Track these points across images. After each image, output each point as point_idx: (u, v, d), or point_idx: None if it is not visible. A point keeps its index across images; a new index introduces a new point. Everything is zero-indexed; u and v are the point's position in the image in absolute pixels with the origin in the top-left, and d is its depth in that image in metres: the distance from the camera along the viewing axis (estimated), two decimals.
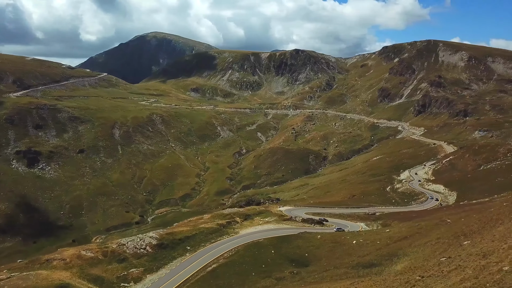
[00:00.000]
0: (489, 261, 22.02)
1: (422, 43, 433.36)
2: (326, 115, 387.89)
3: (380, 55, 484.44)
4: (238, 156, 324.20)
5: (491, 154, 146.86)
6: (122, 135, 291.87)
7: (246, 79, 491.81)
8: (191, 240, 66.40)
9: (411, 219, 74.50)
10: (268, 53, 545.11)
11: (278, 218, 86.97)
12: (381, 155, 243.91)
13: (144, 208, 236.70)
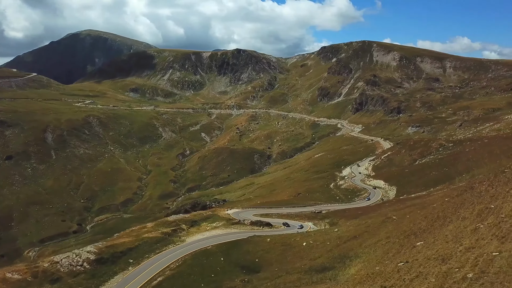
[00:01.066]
0: (450, 266, 21.43)
1: (357, 44, 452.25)
2: (269, 115, 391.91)
3: (318, 55, 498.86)
4: (181, 157, 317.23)
5: (425, 149, 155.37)
6: (56, 139, 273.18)
7: (187, 78, 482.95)
8: (134, 252, 62.04)
9: (358, 217, 75.87)
10: (209, 53, 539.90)
11: (226, 222, 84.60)
12: (322, 152, 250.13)
13: (82, 216, 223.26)
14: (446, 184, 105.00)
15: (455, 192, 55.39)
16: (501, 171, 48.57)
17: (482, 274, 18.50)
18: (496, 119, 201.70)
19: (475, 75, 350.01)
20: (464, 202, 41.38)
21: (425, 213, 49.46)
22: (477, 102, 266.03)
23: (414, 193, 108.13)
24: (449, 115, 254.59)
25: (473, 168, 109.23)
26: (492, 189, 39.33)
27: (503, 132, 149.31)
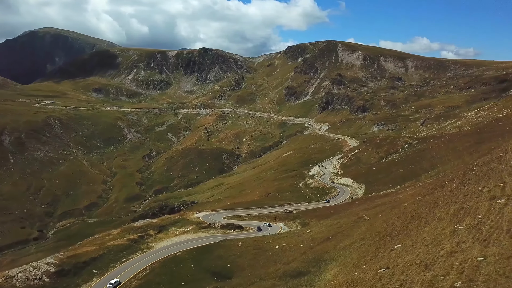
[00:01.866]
0: (434, 273, 20.54)
1: (323, 43, 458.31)
2: (237, 114, 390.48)
3: (285, 55, 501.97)
4: (148, 159, 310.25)
5: (391, 147, 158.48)
6: (13, 141, 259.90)
7: (153, 78, 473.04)
8: (98, 262, 58.63)
9: (329, 216, 75.54)
10: (175, 52, 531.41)
11: (195, 227, 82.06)
12: (291, 151, 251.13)
13: (43, 222, 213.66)
14: (412, 181, 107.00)
15: (425, 190, 55.59)
16: (470, 169, 49.15)
17: (471, 282, 17.63)
18: (456, 116, 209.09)
19: (435, 74, 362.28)
20: (437, 201, 41.09)
21: (398, 212, 49.23)
22: (438, 100, 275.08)
23: (382, 191, 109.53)
24: (412, 113, 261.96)
25: (438, 165, 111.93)
26: (464, 188, 39.26)
27: (464, 129, 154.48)
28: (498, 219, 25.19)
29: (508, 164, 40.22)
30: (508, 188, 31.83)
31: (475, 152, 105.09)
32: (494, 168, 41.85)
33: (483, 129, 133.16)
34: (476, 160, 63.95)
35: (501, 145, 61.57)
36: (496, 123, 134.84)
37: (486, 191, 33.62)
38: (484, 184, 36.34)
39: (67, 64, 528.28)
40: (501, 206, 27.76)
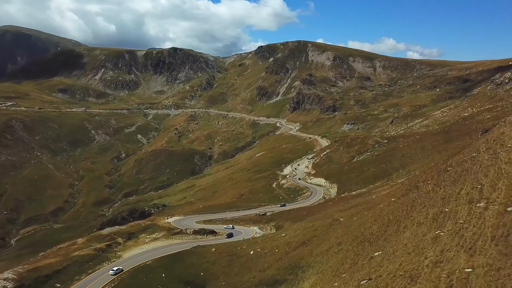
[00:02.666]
0: (421, 287, 19.32)
1: (293, 44, 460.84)
2: (209, 114, 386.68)
3: (256, 55, 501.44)
4: (117, 161, 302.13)
5: (362, 146, 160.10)
6: None
7: (121, 78, 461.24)
8: (61, 275, 55.10)
9: (303, 219, 74.63)
10: (144, 51, 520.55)
11: (166, 233, 79.16)
12: (263, 151, 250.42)
13: (5, 229, 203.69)
14: (384, 180, 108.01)
15: (400, 191, 55.26)
16: (444, 169, 49.16)
17: None
18: (424, 115, 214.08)
19: (402, 74, 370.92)
20: (413, 203, 40.45)
21: (374, 214, 48.52)
22: (406, 100, 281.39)
23: (355, 190, 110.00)
24: (381, 112, 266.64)
25: (409, 164, 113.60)
26: (441, 190, 38.81)
27: (432, 128, 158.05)
28: (480, 225, 24.50)
29: (482, 165, 40.16)
30: (486, 190, 31.45)
31: (444, 151, 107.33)
32: (468, 169, 41.79)
33: (450, 128, 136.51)
34: (447, 159, 64.58)
35: (472, 145, 62.37)
36: (463, 122, 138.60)
37: (464, 193, 33.18)
38: (461, 186, 35.99)
39: (30, 64, 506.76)
40: (482, 211, 27.20)
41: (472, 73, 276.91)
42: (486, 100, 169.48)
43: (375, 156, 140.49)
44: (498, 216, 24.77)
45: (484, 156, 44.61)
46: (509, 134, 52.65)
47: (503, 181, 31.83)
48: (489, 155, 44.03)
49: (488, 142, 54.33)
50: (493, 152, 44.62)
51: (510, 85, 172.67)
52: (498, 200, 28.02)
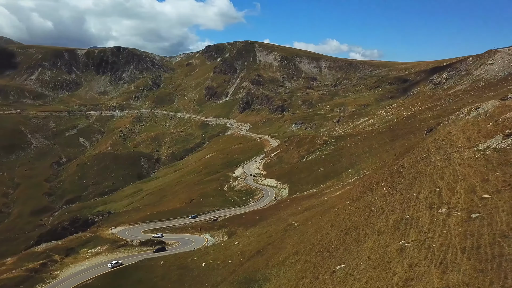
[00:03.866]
0: None
1: (241, 44, 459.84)
2: (156, 115, 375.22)
3: (204, 54, 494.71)
4: (57, 166, 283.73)
5: (311, 146, 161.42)
6: None
7: (60, 78, 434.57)
8: None
9: (257, 224, 72.42)
10: (85, 50, 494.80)
11: (110, 246, 73.30)
12: (213, 153, 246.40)
13: None
14: (334, 180, 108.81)
15: (354, 193, 54.45)
16: (397, 171, 48.91)
17: None
18: (368, 114, 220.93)
19: (346, 74, 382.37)
20: (370, 208, 39.27)
21: (329, 219, 47.09)
22: (350, 99, 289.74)
23: (306, 191, 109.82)
24: (328, 111, 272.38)
25: (357, 163, 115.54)
26: (398, 194, 37.94)
27: (377, 127, 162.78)
28: (446, 234, 23.31)
29: (436, 167, 39.92)
30: (444, 194, 30.71)
31: (391, 149, 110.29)
32: (422, 171, 41.47)
33: (395, 126, 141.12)
34: (397, 159, 65.17)
35: (420, 144, 63.27)
36: (406, 120, 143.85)
37: (423, 198, 32.33)
38: (418, 190, 35.24)
39: None
40: (445, 217, 26.18)
41: (410, 73, 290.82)
42: (426, 99, 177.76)
43: (324, 155, 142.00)
44: (463, 224, 23.72)
45: (436, 157, 44.69)
46: (456, 133, 53.64)
47: (460, 184, 31.30)
48: (441, 156, 44.18)
49: (437, 141, 55.10)
50: (444, 153, 44.85)
51: (448, 84, 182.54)
52: (459, 205, 27.21)
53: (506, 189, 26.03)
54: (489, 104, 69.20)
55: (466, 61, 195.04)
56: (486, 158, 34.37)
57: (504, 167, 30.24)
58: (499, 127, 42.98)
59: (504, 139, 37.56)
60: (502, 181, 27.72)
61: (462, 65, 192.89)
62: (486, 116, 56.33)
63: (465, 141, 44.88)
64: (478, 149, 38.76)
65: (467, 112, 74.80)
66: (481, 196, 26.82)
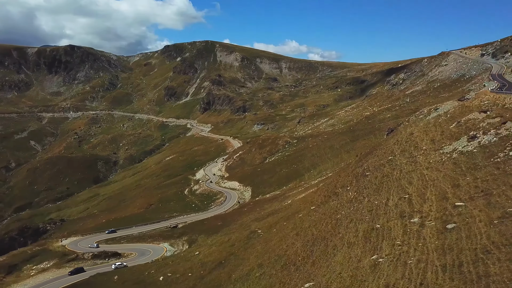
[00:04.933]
0: None
1: (201, 44, 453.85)
2: (113, 116, 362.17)
3: (163, 54, 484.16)
4: (5, 171, 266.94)
5: (273, 147, 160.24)
6: None
7: (9, 78, 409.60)
8: None
9: (218, 230, 69.41)
10: (36, 48, 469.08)
11: (59, 260, 67.55)
12: (174, 155, 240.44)
13: None
14: (297, 181, 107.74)
15: (318, 197, 52.75)
16: (362, 174, 47.67)
17: None
18: (328, 115, 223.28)
19: (306, 75, 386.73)
20: (337, 215, 37.45)
21: (294, 226, 45.00)
22: (311, 100, 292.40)
23: (269, 193, 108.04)
24: (289, 112, 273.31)
25: (319, 164, 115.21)
26: (365, 200, 36.33)
27: (338, 127, 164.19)
28: (422, 248, 21.62)
29: (403, 170, 38.78)
30: (415, 201, 29.30)
31: (352, 150, 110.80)
32: (389, 175, 40.27)
33: (355, 127, 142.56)
34: (360, 160, 64.40)
35: (383, 146, 62.78)
36: (366, 121, 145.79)
37: (392, 205, 30.81)
38: (386, 196, 33.78)
39: None
40: (418, 228, 24.58)
41: (368, 74, 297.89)
42: (384, 100, 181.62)
43: (287, 156, 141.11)
44: (439, 236, 22.14)
45: (402, 159, 43.75)
46: (419, 135, 53.24)
47: (430, 190, 30.04)
48: (407, 158, 43.29)
49: (400, 143, 54.50)
50: (409, 156, 44.00)
51: (404, 85, 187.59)
52: (432, 214, 25.77)
53: (480, 196, 24.85)
54: (448, 105, 70.19)
55: (421, 62, 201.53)
56: (454, 161, 33.50)
57: (474, 172, 29.28)
58: (462, 129, 42.69)
59: (469, 141, 36.99)
60: (474, 187, 26.60)
61: (417, 67, 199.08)
62: (447, 117, 56.53)
63: (429, 143, 44.28)
64: (444, 151, 38.02)
65: (427, 112, 75.67)
66: (454, 203, 25.52)
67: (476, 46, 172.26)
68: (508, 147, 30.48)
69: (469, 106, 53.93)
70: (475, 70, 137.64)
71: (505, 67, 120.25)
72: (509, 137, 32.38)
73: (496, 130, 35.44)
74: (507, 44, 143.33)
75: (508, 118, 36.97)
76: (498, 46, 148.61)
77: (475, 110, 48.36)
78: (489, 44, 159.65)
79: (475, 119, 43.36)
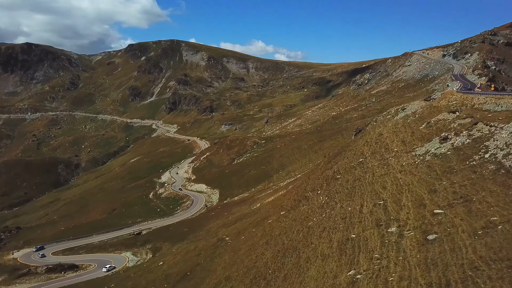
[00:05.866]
0: None
1: (166, 43, 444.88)
2: (74, 117, 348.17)
3: (127, 53, 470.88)
4: None
5: (241, 148, 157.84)
6: None
7: None
8: None
9: (184, 237, 66.17)
10: None
11: (8, 276, 61.84)
12: (139, 156, 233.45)
13: None
14: (266, 183, 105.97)
15: (287, 201, 50.83)
16: (332, 177, 46.13)
17: None
18: (296, 115, 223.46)
19: (273, 75, 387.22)
20: (308, 222, 35.54)
21: (263, 233, 42.81)
22: (278, 100, 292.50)
23: (237, 195, 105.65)
24: (256, 112, 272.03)
25: (287, 165, 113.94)
26: (337, 206, 34.59)
27: (305, 127, 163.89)
28: (404, 263, 19.87)
29: (375, 174, 37.38)
30: (391, 208, 27.74)
31: (320, 150, 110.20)
32: (361, 178, 38.80)
33: (322, 127, 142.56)
34: (329, 162, 63.13)
35: (351, 146, 61.76)
36: (333, 121, 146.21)
37: (367, 212, 29.15)
38: (360, 201, 32.15)
39: None
40: (396, 239, 22.90)
41: (333, 74, 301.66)
42: (350, 100, 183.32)
43: (255, 157, 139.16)
44: (420, 249, 20.47)
45: (373, 162, 42.48)
46: (388, 136, 52.32)
47: (406, 196, 28.58)
48: (378, 161, 42.06)
49: (370, 144, 53.46)
50: (381, 158, 42.80)
51: (370, 85, 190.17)
52: (410, 222, 24.18)
53: (459, 202, 23.51)
54: (415, 105, 70.21)
55: (386, 62, 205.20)
56: (428, 164, 32.33)
57: (450, 176, 28.07)
58: (433, 130, 41.92)
59: (441, 143, 36.04)
60: (452, 192, 25.28)
61: (382, 67, 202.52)
62: (415, 117, 56.09)
63: (400, 145, 43.27)
64: (416, 153, 36.93)
65: (394, 112, 75.60)
66: (432, 211, 24.07)
67: (438, 47, 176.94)
68: (482, 149, 29.54)
69: (437, 106, 53.70)
70: (437, 70, 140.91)
71: (466, 68, 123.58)
72: (482, 138, 31.53)
73: (468, 132, 34.66)
74: (467, 45, 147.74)
75: (479, 119, 36.36)
76: (458, 47, 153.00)
77: (444, 111, 47.99)
78: (450, 45, 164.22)
79: (445, 119, 42.76)
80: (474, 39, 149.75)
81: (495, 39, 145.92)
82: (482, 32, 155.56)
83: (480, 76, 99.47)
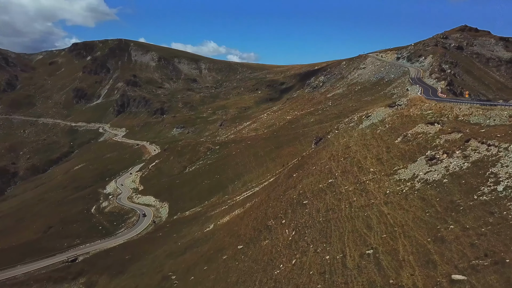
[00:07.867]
0: None
1: (114, 42, 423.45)
2: (11, 121, 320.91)
3: (71, 52, 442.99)
4: None
5: (193, 154, 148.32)
6: None
7: None
8: None
9: (125, 268, 56.11)
10: None
11: None
12: (83, 163, 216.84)
13: None
14: (220, 195, 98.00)
15: (246, 228, 43.23)
16: (298, 202, 39.04)
17: None
18: (250, 117, 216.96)
19: (226, 76, 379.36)
20: (274, 271, 27.99)
21: (217, 276, 34.97)
22: (232, 102, 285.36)
23: (189, 209, 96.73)
24: (210, 114, 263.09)
25: (243, 174, 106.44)
26: (310, 247, 27.44)
27: (261, 132, 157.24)
28: None
29: (353, 204, 30.48)
30: (385, 263, 20.74)
31: (277, 158, 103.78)
32: (335, 208, 31.80)
33: (278, 132, 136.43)
34: (291, 176, 56.32)
35: (314, 159, 55.33)
36: (289, 125, 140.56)
37: (353, 267, 21.93)
38: (339, 246, 24.97)
39: None
40: None
41: (287, 76, 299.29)
42: (306, 103, 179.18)
43: (208, 165, 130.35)
44: None
45: (346, 185, 35.77)
46: (358, 149, 45.89)
47: (402, 244, 21.82)
48: (353, 184, 35.42)
49: (337, 159, 46.89)
50: (355, 180, 36.18)
51: (325, 88, 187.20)
52: None
53: (485, 264, 16.91)
54: (381, 112, 64.71)
55: (340, 65, 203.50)
56: (421, 196, 25.89)
57: (456, 216, 21.61)
58: (414, 146, 35.99)
59: (430, 165, 29.90)
60: (469, 245, 18.73)
61: (337, 69, 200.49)
62: (385, 127, 50.32)
63: (376, 163, 36.94)
64: (401, 178, 30.58)
65: (358, 120, 69.87)
66: (448, 275, 17.38)
67: (391, 49, 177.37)
68: (490, 178, 23.48)
69: (410, 116, 48.34)
70: (393, 73, 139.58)
71: (422, 71, 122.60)
72: (484, 162, 25.59)
73: (462, 152, 28.75)
74: (421, 48, 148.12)
75: (470, 135, 30.70)
76: (412, 50, 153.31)
77: (419, 122, 42.48)
78: (404, 48, 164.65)
79: (426, 133, 37.05)
80: (427, 42, 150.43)
81: (447, 42, 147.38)
82: (434, 35, 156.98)
83: (438, 80, 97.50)
